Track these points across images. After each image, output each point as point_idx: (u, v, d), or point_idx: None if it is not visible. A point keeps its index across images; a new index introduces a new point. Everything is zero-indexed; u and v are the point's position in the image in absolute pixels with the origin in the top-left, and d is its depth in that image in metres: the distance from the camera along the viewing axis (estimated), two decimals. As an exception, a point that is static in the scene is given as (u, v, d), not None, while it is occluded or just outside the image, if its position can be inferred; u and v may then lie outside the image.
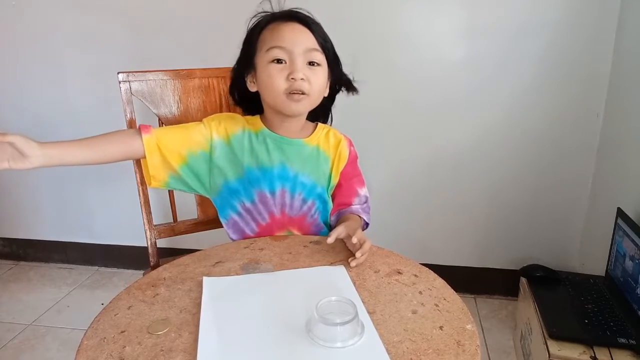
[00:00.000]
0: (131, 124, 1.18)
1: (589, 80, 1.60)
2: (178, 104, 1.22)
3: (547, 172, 1.72)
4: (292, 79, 0.92)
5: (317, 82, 0.95)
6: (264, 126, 1.02)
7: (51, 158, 0.82)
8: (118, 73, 1.16)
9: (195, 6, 1.75)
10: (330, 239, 0.90)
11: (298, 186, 1.02)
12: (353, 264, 0.86)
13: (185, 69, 1.22)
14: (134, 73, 1.17)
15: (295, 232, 1.05)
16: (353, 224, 0.98)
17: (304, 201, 1.03)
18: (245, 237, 1.04)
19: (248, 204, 1.01)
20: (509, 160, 1.73)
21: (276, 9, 0.98)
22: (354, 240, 0.87)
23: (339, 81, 1.03)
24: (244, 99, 1.05)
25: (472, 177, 1.77)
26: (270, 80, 0.93)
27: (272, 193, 1.01)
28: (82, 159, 0.88)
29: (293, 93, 0.93)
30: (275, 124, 1.01)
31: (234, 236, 1.05)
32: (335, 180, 1.07)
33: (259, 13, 0.99)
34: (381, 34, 1.67)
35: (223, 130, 1.00)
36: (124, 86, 1.17)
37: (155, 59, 1.79)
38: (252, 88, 1.00)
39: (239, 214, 1.03)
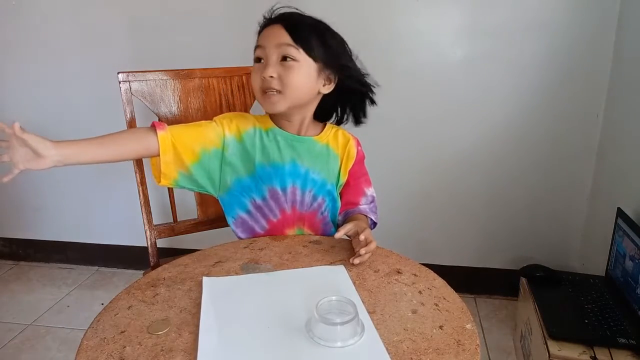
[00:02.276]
0: (131, 124, 1.18)
1: (589, 80, 1.60)
2: (178, 104, 1.22)
3: (547, 172, 1.72)
4: (263, 77, 0.94)
5: (292, 79, 0.93)
6: (273, 124, 1.03)
7: (66, 157, 0.81)
8: (118, 73, 1.16)
9: (195, 6, 1.75)
10: (339, 234, 0.91)
11: (309, 183, 1.02)
12: (356, 261, 0.86)
13: (185, 69, 1.22)
14: (134, 73, 1.17)
15: (306, 229, 1.06)
16: (362, 223, 0.99)
17: (315, 198, 1.04)
18: (254, 235, 1.04)
19: (259, 201, 1.01)
20: (509, 160, 1.73)
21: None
22: (361, 237, 0.88)
23: (349, 79, 1.01)
24: None
25: (472, 177, 1.77)
26: (251, 79, 0.97)
27: (284, 189, 1.01)
28: (97, 157, 0.87)
29: (266, 92, 0.94)
30: (281, 122, 1.02)
31: (242, 235, 1.05)
32: (343, 179, 1.08)
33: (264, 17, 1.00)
34: (381, 33, 1.67)
35: (235, 127, 1.01)
36: (124, 86, 1.17)
37: (155, 59, 1.79)
38: None
39: (249, 212, 1.03)
